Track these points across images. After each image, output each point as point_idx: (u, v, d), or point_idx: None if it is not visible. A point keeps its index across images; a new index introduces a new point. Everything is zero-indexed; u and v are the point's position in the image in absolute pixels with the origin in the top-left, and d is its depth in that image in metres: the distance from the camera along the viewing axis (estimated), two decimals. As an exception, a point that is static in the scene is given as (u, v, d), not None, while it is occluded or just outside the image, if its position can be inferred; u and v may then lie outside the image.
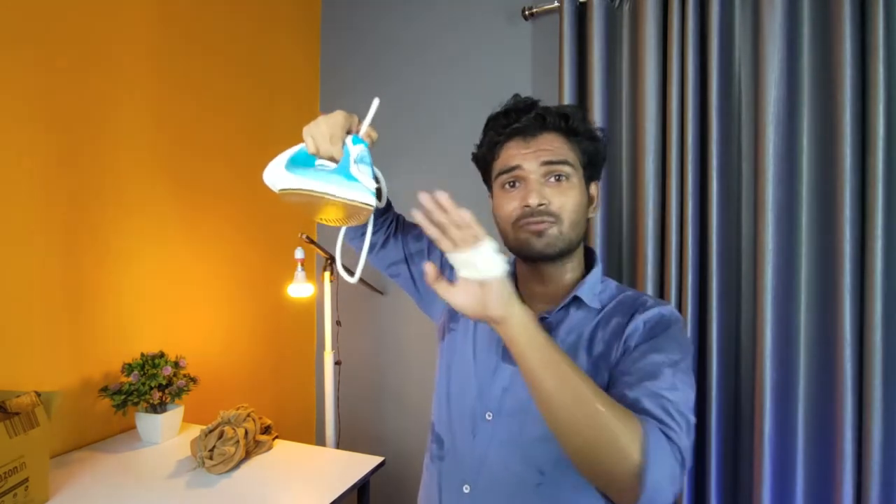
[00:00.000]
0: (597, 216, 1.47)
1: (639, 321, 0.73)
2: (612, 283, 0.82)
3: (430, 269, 0.61)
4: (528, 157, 0.74)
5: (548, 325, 0.77)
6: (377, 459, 1.21)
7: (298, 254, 1.59)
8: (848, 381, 1.22)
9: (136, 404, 1.23)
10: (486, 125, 0.82)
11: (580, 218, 0.76)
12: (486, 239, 0.58)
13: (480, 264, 0.57)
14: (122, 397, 1.20)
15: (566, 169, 0.74)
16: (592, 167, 0.79)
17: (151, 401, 1.23)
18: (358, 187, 0.68)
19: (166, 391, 1.26)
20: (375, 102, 0.75)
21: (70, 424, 1.19)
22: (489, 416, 0.77)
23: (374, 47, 1.93)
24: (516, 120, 0.76)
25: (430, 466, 0.86)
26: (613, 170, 1.50)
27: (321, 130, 0.71)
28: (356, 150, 0.70)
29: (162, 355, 1.29)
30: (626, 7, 1.47)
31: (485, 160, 0.83)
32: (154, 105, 1.39)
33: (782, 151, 1.30)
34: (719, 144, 1.35)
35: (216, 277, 1.59)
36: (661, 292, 1.42)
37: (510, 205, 0.76)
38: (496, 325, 0.60)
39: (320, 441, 2.01)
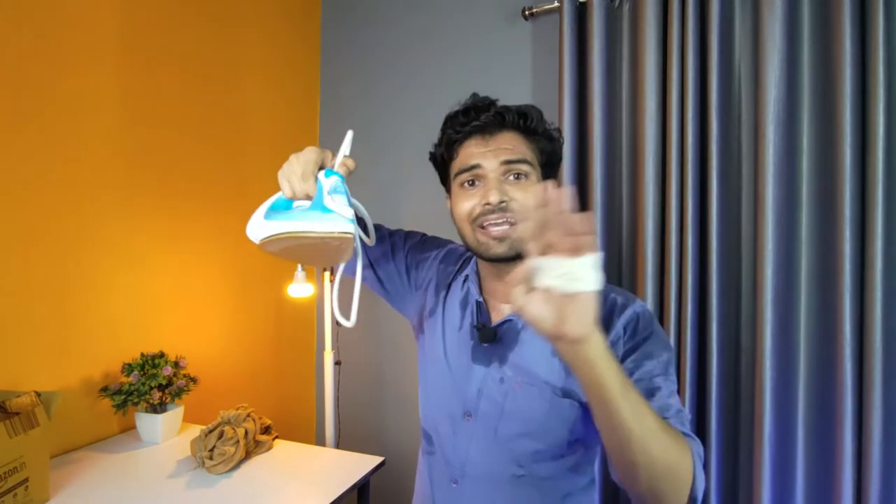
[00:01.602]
0: (597, 213, 1.47)
1: (618, 327, 0.73)
2: None
3: (521, 273, 0.50)
4: (488, 155, 0.74)
5: (514, 325, 0.78)
6: (377, 459, 1.21)
7: (298, 254, 1.59)
8: (848, 381, 1.22)
9: (136, 404, 1.23)
10: (445, 124, 0.80)
11: None
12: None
13: (581, 274, 0.48)
14: (122, 397, 1.20)
15: (525, 167, 0.73)
16: (549, 167, 0.78)
17: (151, 401, 1.23)
18: (333, 217, 0.65)
19: (166, 391, 1.26)
20: (349, 135, 0.72)
21: (70, 424, 1.19)
22: (468, 417, 0.79)
23: (374, 47, 1.93)
24: (475, 118, 0.75)
25: (422, 460, 0.89)
26: (613, 170, 1.50)
27: (293, 170, 0.69)
28: (329, 182, 0.67)
29: (162, 355, 1.29)
30: (626, 7, 1.47)
31: (443, 160, 0.82)
32: (153, 106, 1.39)
33: (782, 151, 1.30)
34: (719, 144, 1.35)
35: (216, 277, 1.59)
36: (662, 292, 1.42)
37: (469, 203, 0.74)
38: (570, 346, 0.51)
39: (320, 441, 2.01)
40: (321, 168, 0.70)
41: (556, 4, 1.53)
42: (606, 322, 0.74)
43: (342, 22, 2.00)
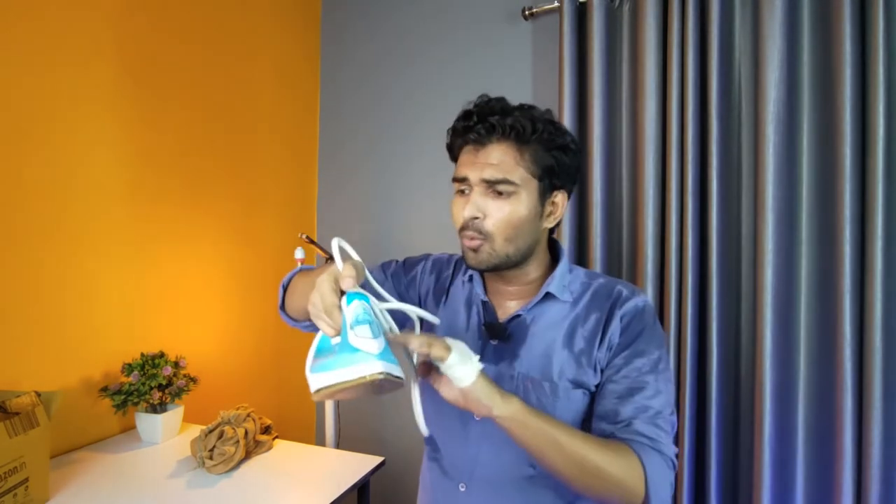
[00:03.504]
0: (597, 213, 1.47)
1: (616, 318, 0.76)
2: (580, 271, 0.84)
3: (422, 368, 0.67)
4: (475, 168, 0.74)
5: (523, 321, 0.79)
6: (377, 459, 1.21)
7: (298, 254, 1.59)
8: (848, 381, 1.22)
9: (136, 404, 1.23)
10: (455, 121, 0.79)
11: (520, 232, 0.74)
12: (453, 352, 0.62)
13: (452, 374, 0.62)
14: (122, 397, 1.20)
15: (507, 188, 0.72)
16: (555, 177, 0.76)
17: (151, 401, 1.23)
18: (360, 358, 0.60)
19: (166, 391, 1.26)
20: (334, 244, 0.67)
21: (70, 424, 1.19)
22: (478, 416, 0.77)
23: (374, 47, 1.93)
24: (471, 128, 0.74)
25: (427, 464, 0.88)
26: (613, 170, 1.50)
27: (317, 307, 0.64)
28: (350, 312, 0.63)
29: (162, 355, 1.29)
30: (626, 7, 1.47)
31: (451, 154, 0.82)
32: (152, 107, 1.39)
33: (782, 151, 1.30)
34: (719, 144, 1.35)
35: (216, 277, 1.59)
36: (661, 292, 1.42)
37: (457, 212, 0.76)
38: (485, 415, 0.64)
39: (320, 441, 2.01)
40: (343, 292, 0.65)
41: (556, 4, 1.53)
42: (608, 312, 0.77)
43: (342, 19, 2.00)
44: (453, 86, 1.78)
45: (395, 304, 0.69)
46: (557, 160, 0.75)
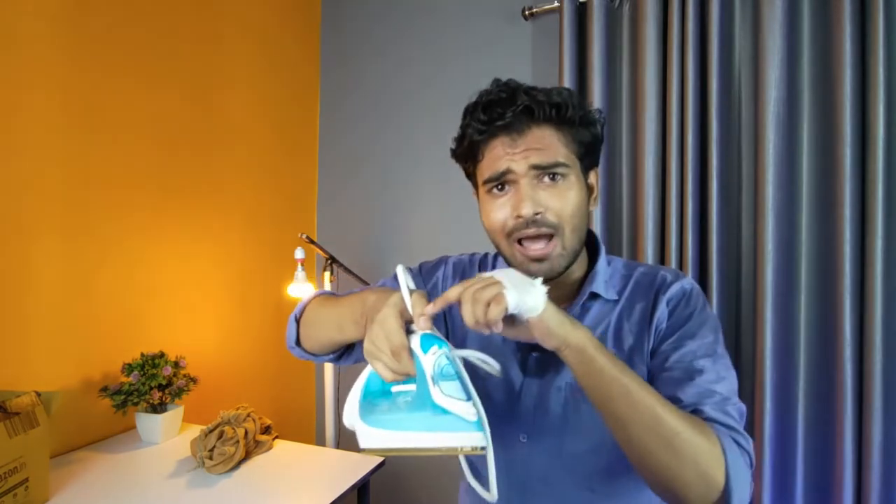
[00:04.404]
0: (597, 213, 1.47)
1: (663, 304, 0.68)
2: (619, 263, 0.76)
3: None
4: (517, 157, 0.64)
5: None
6: (377, 459, 1.20)
7: (298, 254, 1.59)
8: (848, 381, 1.22)
9: (136, 404, 1.23)
10: (465, 117, 0.69)
11: (582, 220, 0.67)
12: (509, 289, 0.52)
13: (522, 310, 0.53)
14: (122, 397, 1.20)
15: (559, 170, 0.64)
16: (591, 155, 0.69)
17: (151, 401, 1.23)
18: (452, 424, 0.50)
19: (166, 391, 1.26)
20: (399, 272, 0.58)
21: (70, 424, 1.19)
22: (523, 438, 0.70)
23: (373, 46, 1.93)
24: (500, 116, 0.64)
25: (469, 492, 0.80)
26: (613, 169, 1.50)
27: (381, 348, 0.54)
28: (429, 361, 0.52)
29: (162, 355, 1.29)
30: (626, 7, 1.47)
31: (465, 159, 0.72)
32: (151, 105, 1.38)
33: (782, 151, 1.30)
34: (719, 144, 1.35)
35: (216, 277, 1.59)
36: (661, 292, 1.42)
37: (500, 213, 0.66)
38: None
39: (320, 441, 2.01)
40: (408, 326, 0.55)
41: (556, 4, 1.53)
42: (654, 299, 0.69)
43: (342, 18, 2.00)
44: (453, 85, 1.78)
45: (472, 353, 0.56)
46: (593, 135, 0.68)
